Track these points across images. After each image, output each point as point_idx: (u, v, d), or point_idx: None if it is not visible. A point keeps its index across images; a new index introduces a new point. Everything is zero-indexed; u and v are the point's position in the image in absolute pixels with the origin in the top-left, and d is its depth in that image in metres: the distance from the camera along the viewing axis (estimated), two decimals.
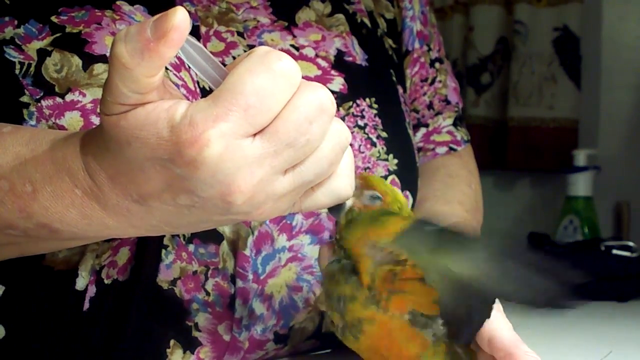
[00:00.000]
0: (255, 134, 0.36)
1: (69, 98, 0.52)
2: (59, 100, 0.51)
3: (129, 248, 0.53)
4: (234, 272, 0.56)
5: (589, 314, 0.88)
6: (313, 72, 0.63)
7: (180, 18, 0.34)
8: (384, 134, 0.65)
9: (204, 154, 0.35)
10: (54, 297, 0.53)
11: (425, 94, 0.79)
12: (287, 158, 0.37)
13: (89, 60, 0.53)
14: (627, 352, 0.69)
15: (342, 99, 0.63)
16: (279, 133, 0.36)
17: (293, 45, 0.63)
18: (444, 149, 0.79)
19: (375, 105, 0.65)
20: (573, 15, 1.56)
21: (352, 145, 0.58)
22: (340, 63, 0.65)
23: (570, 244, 1.21)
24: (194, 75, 0.56)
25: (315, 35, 0.65)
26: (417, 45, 0.78)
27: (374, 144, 0.64)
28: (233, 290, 0.56)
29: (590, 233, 1.42)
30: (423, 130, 0.79)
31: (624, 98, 1.55)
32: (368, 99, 0.65)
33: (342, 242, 0.46)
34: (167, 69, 0.54)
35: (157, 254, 0.54)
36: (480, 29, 1.67)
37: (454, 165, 0.79)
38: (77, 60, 0.52)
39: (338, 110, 0.62)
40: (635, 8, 1.54)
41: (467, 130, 0.83)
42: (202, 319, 0.55)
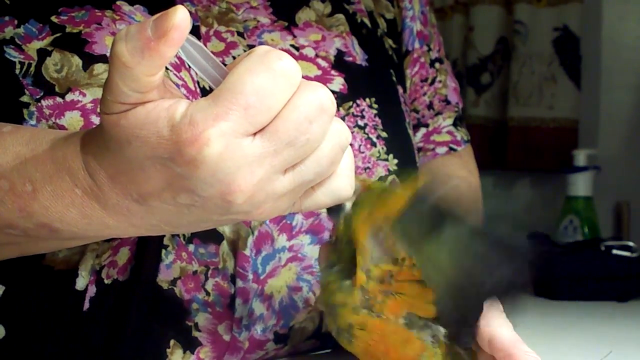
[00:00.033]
0: (256, 134, 0.36)
1: (69, 98, 0.52)
2: (59, 100, 0.52)
3: (129, 248, 0.53)
4: (234, 272, 0.56)
5: (589, 314, 0.88)
6: (313, 72, 0.62)
7: (181, 17, 0.34)
8: (384, 134, 0.65)
9: (204, 153, 0.35)
10: (54, 297, 0.53)
11: (425, 94, 0.79)
12: (287, 157, 0.37)
13: (89, 60, 0.53)
14: (627, 352, 0.69)
15: (342, 99, 0.63)
16: (279, 132, 0.36)
17: (293, 45, 0.63)
18: (444, 149, 0.79)
19: (375, 106, 0.65)
20: (573, 15, 1.56)
21: (352, 145, 0.58)
22: (340, 63, 0.65)
23: (570, 244, 1.21)
24: (194, 75, 0.56)
25: (315, 35, 0.65)
26: (417, 45, 0.78)
27: (374, 144, 0.64)
28: (233, 290, 0.56)
29: (590, 233, 1.42)
30: (423, 130, 0.79)
31: (624, 98, 1.55)
32: (368, 99, 0.65)
33: (342, 234, 0.46)
34: (167, 69, 0.54)
35: (157, 254, 0.54)
36: (480, 29, 1.67)
37: (454, 166, 0.79)
38: (77, 60, 0.52)
39: (338, 110, 0.62)
40: (635, 8, 1.54)
41: (467, 131, 0.83)
42: (202, 319, 0.55)
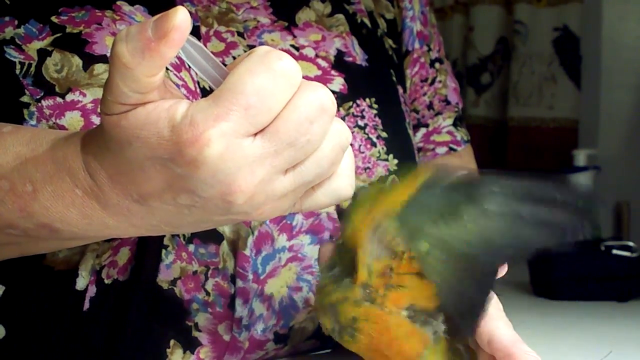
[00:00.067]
0: (256, 134, 0.36)
1: (70, 98, 0.52)
2: (60, 100, 0.52)
3: (129, 248, 0.53)
4: (234, 272, 0.56)
5: (589, 314, 0.88)
6: (313, 72, 0.62)
7: (181, 18, 0.34)
8: (384, 134, 0.65)
9: (205, 154, 0.35)
10: (54, 297, 0.53)
11: (425, 94, 0.79)
12: (287, 158, 0.37)
13: (90, 61, 0.53)
14: (627, 352, 0.68)
15: (342, 99, 0.63)
16: (280, 133, 0.36)
17: (293, 46, 0.63)
18: (444, 149, 0.79)
19: (375, 106, 0.65)
20: (573, 15, 1.57)
21: (352, 146, 0.58)
22: (340, 63, 0.65)
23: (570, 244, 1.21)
24: (195, 76, 0.56)
25: (315, 36, 0.65)
26: (417, 46, 0.78)
27: (374, 144, 0.64)
28: (233, 290, 0.56)
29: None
30: (423, 131, 0.79)
31: (624, 98, 1.55)
32: (368, 99, 0.65)
33: (346, 237, 0.46)
34: (167, 69, 0.54)
35: (157, 254, 0.54)
36: (480, 29, 1.67)
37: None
38: (77, 61, 0.52)
39: (338, 111, 0.62)
40: (635, 8, 1.55)
41: (467, 131, 0.83)
42: (202, 319, 0.55)
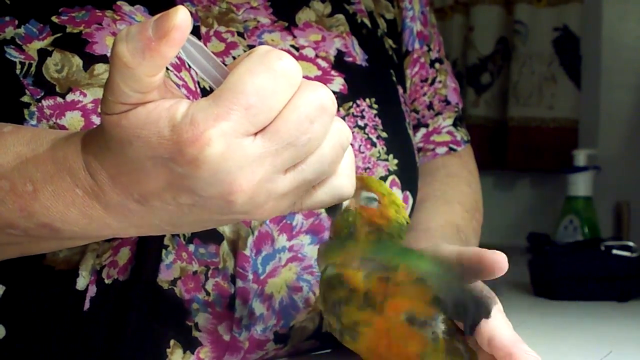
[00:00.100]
0: (256, 133, 0.36)
1: (70, 98, 0.52)
2: (60, 100, 0.52)
3: (130, 248, 0.53)
4: (234, 272, 0.56)
5: (589, 314, 0.88)
6: (313, 72, 0.62)
7: (182, 17, 0.34)
8: (384, 134, 0.65)
9: (205, 153, 0.35)
10: (55, 297, 0.53)
11: (425, 94, 0.79)
12: (288, 157, 0.37)
13: (90, 61, 0.53)
14: (627, 352, 0.69)
15: (342, 99, 0.63)
16: (280, 132, 0.36)
17: (293, 46, 0.63)
18: (444, 149, 0.79)
19: (376, 106, 0.65)
20: (573, 15, 1.57)
21: (352, 146, 0.58)
22: (340, 63, 0.64)
23: (570, 244, 1.21)
24: (195, 75, 0.56)
25: (315, 36, 0.65)
26: (417, 46, 0.78)
27: (374, 144, 0.64)
28: (233, 290, 0.56)
29: (590, 233, 1.42)
30: (423, 131, 0.79)
31: (624, 98, 1.55)
32: (368, 99, 0.65)
33: (340, 231, 0.48)
34: (167, 69, 0.54)
35: (157, 254, 0.54)
36: (480, 29, 1.67)
37: (454, 166, 0.79)
38: (77, 60, 0.52)
39: (338, 111, 0.62)
40: (635, 8, 1.55)
41: (467, 131, 0.83)
42: (202, 319, 0.55)
